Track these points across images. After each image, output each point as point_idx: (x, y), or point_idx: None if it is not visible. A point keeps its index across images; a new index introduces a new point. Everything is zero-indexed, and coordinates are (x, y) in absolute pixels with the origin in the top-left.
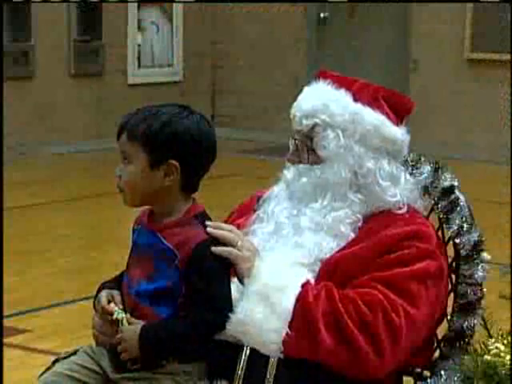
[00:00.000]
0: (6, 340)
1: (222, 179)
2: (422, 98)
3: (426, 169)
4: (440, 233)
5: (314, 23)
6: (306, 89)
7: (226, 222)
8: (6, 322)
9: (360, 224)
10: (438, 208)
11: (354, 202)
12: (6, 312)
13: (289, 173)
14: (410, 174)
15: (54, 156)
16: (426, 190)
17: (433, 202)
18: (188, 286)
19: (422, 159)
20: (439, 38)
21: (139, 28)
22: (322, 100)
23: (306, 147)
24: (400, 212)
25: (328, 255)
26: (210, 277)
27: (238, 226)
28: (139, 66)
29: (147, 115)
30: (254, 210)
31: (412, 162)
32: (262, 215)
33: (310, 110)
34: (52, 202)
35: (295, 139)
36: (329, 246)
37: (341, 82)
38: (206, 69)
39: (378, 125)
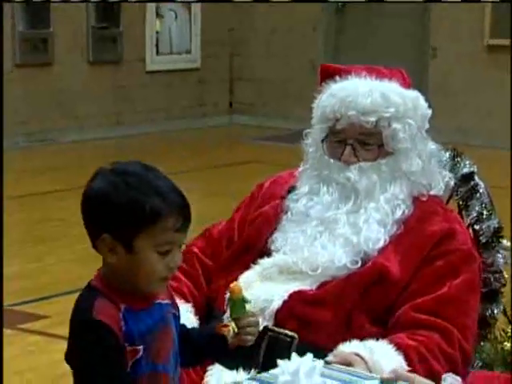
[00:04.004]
0: (25, 326)
1: (239, 166)
2: (441, 84)
3: (445, 155)
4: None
5: (332, 10)
6: (342, 85)
7: (241, 207)
8: (26, 308)
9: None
10: (457, 194)
11: (403, 191)
12: (25, 298)
13: (352, 174)
14: None
15: (72, 143)
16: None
17: (452, 188)
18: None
19: (441, 146)
20: (459, 25)
21: (157, 15)
22: (377, 93)
23: (369, 144)
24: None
25: (375, 250)
26: None
27: (262, 214)
28: (157, 53)
29: (155, 188)
30: (282, 197)
31: None
32: (313, 215)
33: (370, 105)
34: (71, 188)
35: (346, 142)
36: (378, 239)
37: (378, 73)
38: (224, 56)
39: (425, 105)
